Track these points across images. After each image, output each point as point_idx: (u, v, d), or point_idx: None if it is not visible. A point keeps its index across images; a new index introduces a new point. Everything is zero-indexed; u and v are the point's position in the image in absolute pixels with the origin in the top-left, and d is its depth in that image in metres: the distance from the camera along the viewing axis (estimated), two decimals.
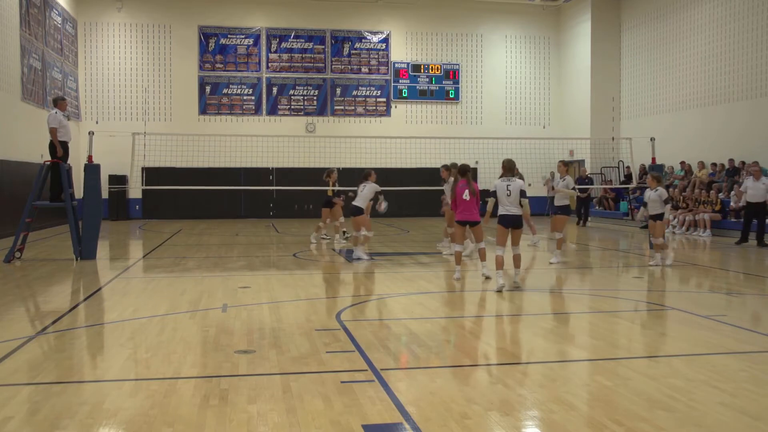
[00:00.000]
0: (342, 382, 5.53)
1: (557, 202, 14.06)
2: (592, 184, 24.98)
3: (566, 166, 14.56)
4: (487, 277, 11.02)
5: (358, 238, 14.06)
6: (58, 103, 14.59)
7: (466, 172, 11.34)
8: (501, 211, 10.28)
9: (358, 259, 13.81)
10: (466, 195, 11.04)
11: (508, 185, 10.20)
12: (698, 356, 6.46)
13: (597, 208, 26.54)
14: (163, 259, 14.54)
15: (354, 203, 13.97)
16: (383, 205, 14.66)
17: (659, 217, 12.82)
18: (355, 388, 5.36)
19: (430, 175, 27.25)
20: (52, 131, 14.04)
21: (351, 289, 10.72)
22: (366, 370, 5.89)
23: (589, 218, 24.78)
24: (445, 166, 15.47)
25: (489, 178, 24.39)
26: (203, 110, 28.77)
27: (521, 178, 16.59)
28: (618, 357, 6.49)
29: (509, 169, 10.44)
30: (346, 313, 8.50)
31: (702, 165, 22.52)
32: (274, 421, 4.66)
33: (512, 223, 10.21)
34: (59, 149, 14.12)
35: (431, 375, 5.81)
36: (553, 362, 6.25)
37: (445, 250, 15.23)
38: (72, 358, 6.41)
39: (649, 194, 13.06)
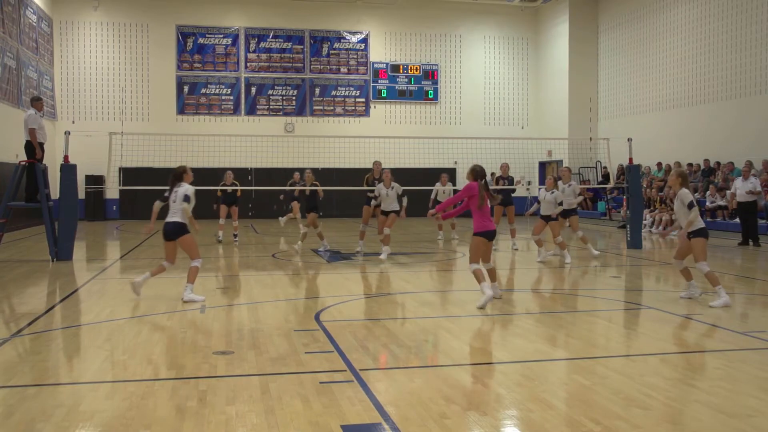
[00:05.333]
0: (321, 382, 5.51)
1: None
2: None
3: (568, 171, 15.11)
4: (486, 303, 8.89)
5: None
6: (36, 103, 14.42)
7: (484, 176, 9.15)
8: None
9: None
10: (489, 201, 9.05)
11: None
12: (674, 354, 6.52)
13: None
14: (140, 260, 14.43)
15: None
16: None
17: (551, 218, 13.79)
18: (334, 388, 5.35)
19: (410, 176, 27.26)
20: (32, 132, 13.86)
21: (330, 290, 10.69)
22: (345, 371, 5.88)
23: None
24: (377, 163, 15.37)
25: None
26: (181, 110, 28.61)
27: (511, 181, 16.75)
28: (595, 356, 6.53)
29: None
30: (325, 313, 8.48)
31: (678, 165, 22.75)
32: (253, 423, 4.64)
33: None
34: (38, 151, 13.95)
35: (410, 375, 5.81)
36: (532, 362, 6.27)
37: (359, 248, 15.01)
38: (48, 361, 6.34)
39: (545, 195, 13.87)
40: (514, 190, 16.75)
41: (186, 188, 9.53)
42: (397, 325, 7.78)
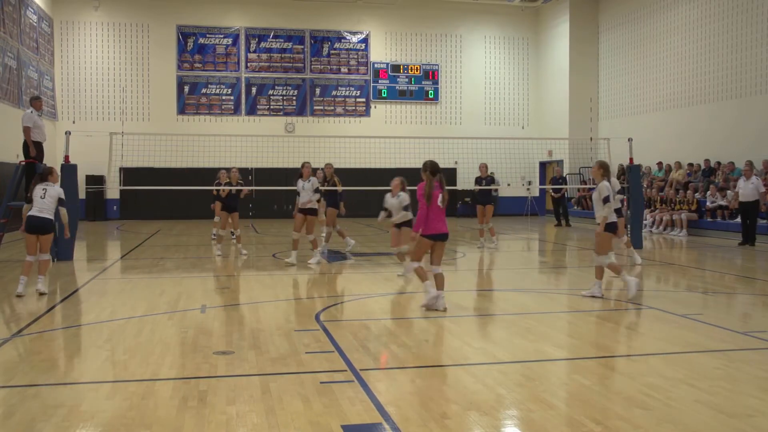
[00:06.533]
0: (321, 382, 5.52)
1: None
2: (566, 184, 25.14)
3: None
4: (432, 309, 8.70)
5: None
6: (34, 102, 14.43)
7: (438, 172, 8.70)
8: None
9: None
10: (440, 201, 8.64)
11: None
12: (675, 354, 6.52)
13: (575, 207, 26.72)
14: (141, 260, 14.43)
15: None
16: None
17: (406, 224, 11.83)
18: (335, 388, 5.36)
19: (410, 176, 27.22)
20: (26, 130, 13.88)
21: (330, 290, 10.70)
22: (345, 371, 5.88)
23: (570, 218, 24.92)
24: (328, 165, 15.01)
25: (468, 178, 24.46)
26: (182, 110, 28.61)
27: (493, 180, 16.80)
28: (596, 356, 6.54)
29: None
30: (326, 313, 8.48)
31: (678, 165, 22.75)
32: (253, 422, 4.64)
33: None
34: (32, 149, 13.96)
35: (410, 375, 5.82)
36: (532, 362, 6.27)
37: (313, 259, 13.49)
38: (48, 361, 6.34)
39: (391, 201, 12.18)
40: (496, 190, 16.79)
41: (59, 190, 10.19)
42: (397, 325, 7.78)
